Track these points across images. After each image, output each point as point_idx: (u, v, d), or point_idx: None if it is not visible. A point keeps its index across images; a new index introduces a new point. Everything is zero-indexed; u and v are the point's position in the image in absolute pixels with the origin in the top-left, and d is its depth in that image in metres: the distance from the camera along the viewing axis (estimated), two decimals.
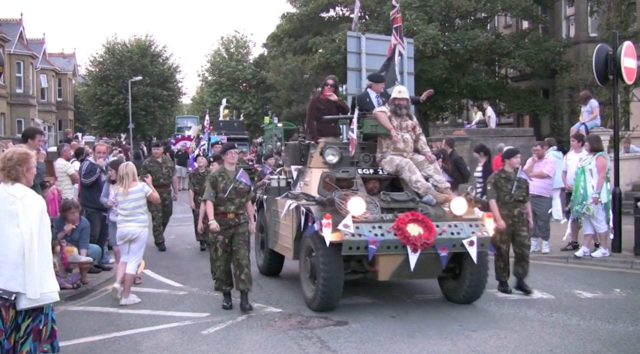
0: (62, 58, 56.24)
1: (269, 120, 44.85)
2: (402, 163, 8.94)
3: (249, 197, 8.90)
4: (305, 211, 8.45)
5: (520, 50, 25.61)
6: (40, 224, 4.92)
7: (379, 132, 9.30)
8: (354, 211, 8.00)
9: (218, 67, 55.70)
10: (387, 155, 9.20)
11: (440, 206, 8.64)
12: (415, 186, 8.77)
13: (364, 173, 9.13)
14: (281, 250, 9.91)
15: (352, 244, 7.83)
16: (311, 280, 8.55)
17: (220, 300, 9.05)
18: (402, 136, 9.15)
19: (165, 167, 14.01)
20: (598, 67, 12.52)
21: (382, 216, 8.23)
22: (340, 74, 26.53)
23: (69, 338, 7.28)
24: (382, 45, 13.50)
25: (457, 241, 8.16)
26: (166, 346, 7.12)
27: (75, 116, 58.74)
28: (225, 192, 8.52)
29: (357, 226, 7.92)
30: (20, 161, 5.06)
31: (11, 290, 4.78)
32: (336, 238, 7.84)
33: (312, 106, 10.45)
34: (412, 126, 9.36)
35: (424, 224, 8.03)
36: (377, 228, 8.00)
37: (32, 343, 4.94)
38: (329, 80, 10.51)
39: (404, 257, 8.00)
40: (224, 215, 8.57)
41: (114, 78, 48.19)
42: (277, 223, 9.90)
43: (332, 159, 9.19)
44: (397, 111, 9.23)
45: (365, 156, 9.44)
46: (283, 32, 31.12)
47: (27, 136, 9.60)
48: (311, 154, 9.84)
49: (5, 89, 39.95)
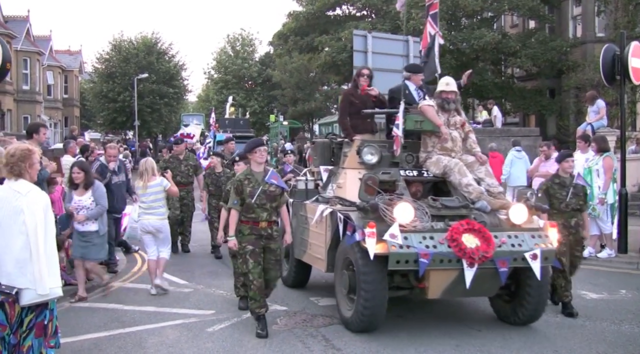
0: (68, 55, 56.37)
1: (275, 118, 44.86)
2: (451, 164, 7.96)
3: (283, 202, 7.64)
4: (344, 218, 7.38)
5: (527, 50, 25.56)
6: (45, 220, 4.93)
7: (424, 129, 8.24)
8: (402, 218, 6.99)
9: (224, 65, 55.73)
10: (432, 155, 8.23)
11: (496, 213, 7.67)
12: (466, 190, 7.79)
13: (407, 175, 8.10)
14: (311, 261, 8.84)
15: (400, 257, 6.81)
16: (349, 297, 7.52)
17: (225, 298, 9.06)
18: (450, 134, 8.19)
19: (185, 165, 13.10)
20: (605, 67, 12.48)
21: (433, 224, 7.20)
22: (346, 73, 26.56)
23: (75, 334, 7.31)
24: (389, 44, 13.48)
25: (519, 255, 7.09)
26: (171, 343, 7.13)
27: (81, 113, 58.84)
28: (253, 197, 7.30)
29: (406, 236, 6.89)
30: (23, 157, 5.07)
31: (13, 285, 4.80)
32: (381, 250, 6.81)
33: (345, 99, 9.24)
34: (461, 122, 8.39)
35: (481, 235, 7.02)
36: (428, 239, 6.96)
37: (34, 339, 4.95)
38: (364, 71, 9.24)
39: (459, 272, 6.97)
40: (255, 223, 7.36)
41: (120, 75, 48.23)
42: (306, 230, 8.78)
43: (371, 159, 8.20)
44: (444, 106, 8.24)
45: (407, 156, 8.42)
46: (289, 31, 31.13)
47: (31, 131, 9.43)
48: (345, 153, 8.81)
49: (12, 85, 40.04)
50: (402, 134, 8.16)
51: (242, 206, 7.36)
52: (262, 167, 7.53)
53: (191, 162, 13.31)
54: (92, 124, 60.87)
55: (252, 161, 7.54)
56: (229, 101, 42.01)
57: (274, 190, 7.43)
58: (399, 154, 8.33)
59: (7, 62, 10.36)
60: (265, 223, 7.38)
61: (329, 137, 9.95)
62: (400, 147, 8.26)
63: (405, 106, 8.39)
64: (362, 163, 8.24)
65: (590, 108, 16.21)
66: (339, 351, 6.81)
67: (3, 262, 4.82)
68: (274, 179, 7.47)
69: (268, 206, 7.37)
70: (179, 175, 12.82)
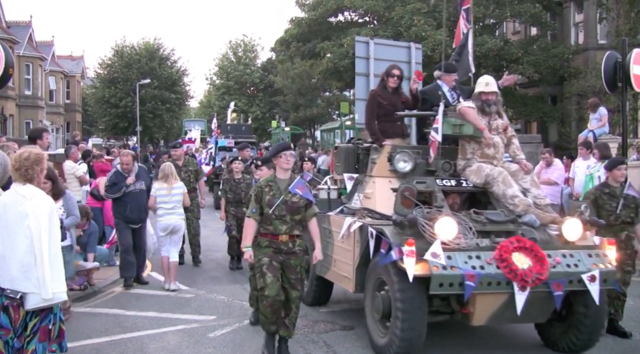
0: (70, 60, 56.44)
1: (277, 124, 44.96)
2: (494, 173, 7.16)
3: (309, 215, 6.76)
4: (376, 234, 6.65)
5: (529, 57, 25.56)
6: (50, 224, 4.94)
7: (463, 134, 7.46)
8: (444, 235, 6.26)
9: (226, 70, 55.81)
10: (472, 162, 7.45)
11: (545, 228, 6.94)
12: (511, 202, 6.99)
13: (445, 185, 7.29)
14: (336, 279, 8.08)
15: (443, 280, 6.08)
16: (382, 323, 6.77)
17: (227, 303, 9.05)
18: (492, 139, 7.46)
19: (185, 171, 12.10)
20: (607, 74, 12.48)
21: (478, 241, 6.47)
22: (348, 79, 26.59)
23: (76, 339, 7.31)
24: (391, 51, 13.49)
25: (575, 276, 6.35)
26: (172, 348, 7.13)
27: (83, 118, 58.92)
28: (271, 206, 6.54)
29: (449, 255, 6.16)
30: (38, 161, 5.07)
31: (18, 290, 4.80)
32: (422, 271, 6.09)
33: (373, 101, 8.38)
34: (504, 126, 7.61)
35: (533, 254, 6.29)
36: (474, 258, 6.24)
37: (38, 343, 4.94)
38: (394, 70, 8.39)
39: (508, 296, 6.26)
40: (275, 237, 6.60)
41: (122, 81, 48.33)
42: (330, 245, 7.99)
43: (405, 166, 7.46)
44: (484, 108, 7.48)
45: (444, 164, 7.56)
46: (291, 37, 31.15)
47: (35, 137, 9.35)
48: (373, 159, 7.96)
49: (14, 90, 40.11)
50: (440, 139, 7.39)
51: (261, 216, 6.63)
52: (288, 174, 6.74)
53: (191, 168, 12.43)
54: (94, 129, 60.97)
55: (277, 166, 6.77)
56: (231, 107, 42.08)
57: (297, 201, 6.61)
58: (435, 161, 7.57)
59: (9, 67, 10.38)
60: (286, 237, 6.59)
61: (354, 142, 9.11)
62: (436, 154, 7.51)
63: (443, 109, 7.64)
64: (394, 171, 7.52)
65: (592, 115, 16.21)
66: None
67: (8, 267, 4.82)
68: (300, 189, 6.64)
69: (288, 219, 6.57)
70: None
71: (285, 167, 6.68)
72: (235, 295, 9.68)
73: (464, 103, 7.63)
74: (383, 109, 8.26)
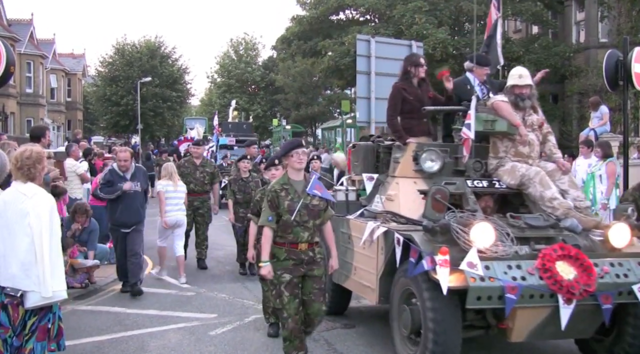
0: (71, 58, 56.48)
1: (278, 122, 44.92)
2: (531, 173, 6.54)
3: (327, 218, 6.15)
4: (404, 240, 6.05)
5: (530, 55, 25.56)
6: (50, 222, 4.94)
7: (496, 130, 6.82)
8: (481, 242, 5.66)
9: (227, 69, 55.79)
10: (505, 162, 6.81)
11: (588, 234, 6.31)
12: (550, 205, 6.38)
13: (476, 186, 6.64)
14: (356, 288, 7.46)
15: (481, 293, 5.47)
16: (411, 339, 6.15)
17: (227, 301, 9.07)
18: None
19: (201, 171, 11.64)
20: (608, 73, 12.44)
21: (517, 249, 5.85)
22: (349, 78, 26.59)
23: (77, 337, 7.32)
24: (392, 49, 13.48)
25: (625, 287, 5.72)
26: (173, 346, 7.14)
27: (85, 116, 58.96)
28: (292, 212, 5.84)
29: (487, 264, 5.56)
30: (39, 159, 5.08)
31: (18, 288, 4.80)
32: (457, 283, 5.47)
33: (397, 95, 7.57)
34: (539, 122, 6.98)
35: (578, 263, 5.68)
36: (514, 268, 5.62)
37: (36, 342, 4.94)
38: (421, 59, 7.72)
39: (551, 310, 5.66)
40: (293, 245, 5.92)
41: (123, 79, 48.35)
42: (350, 251, 7.37)
43: (432, 166, 6.83)
44: (518, 103, 6.81)
45: (475, 163, 6.86)
46: (292, 35, 31.17)
47: (39, 135, 9.11)
48: (396, 158, 7.32)
49: (15, 88, 40.14)
50: (473, 136, 6.76)
51: (277, 224, 5.91)
52: (302, 175, 6.08)
53: (208, 169, 11.80)
54: (95, 127, 61.00)
55: (289, 166, 6.06)
56: (232, 105, 42.03)
57: (318, 203, 5.98)
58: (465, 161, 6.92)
59: (10, 65, 10.37)
60: (306, 245, 5.94)
61: (374, 139, 8.47)
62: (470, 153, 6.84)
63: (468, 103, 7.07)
64: (420, 171, 6.91)
65: (594, 114, 16.19)
66: None
67: (8, 265, 4.83)
68: (318, 190, 5.99)
69: (310, 224, 5.92)
70: (193, 182, 11.49)
71: (297, 167, 5.98)
72: (236, 293, 9.69)
73: (497, 97, 6.99)
74: (408, 104, 7.52)
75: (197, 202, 11.53)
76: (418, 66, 7.59)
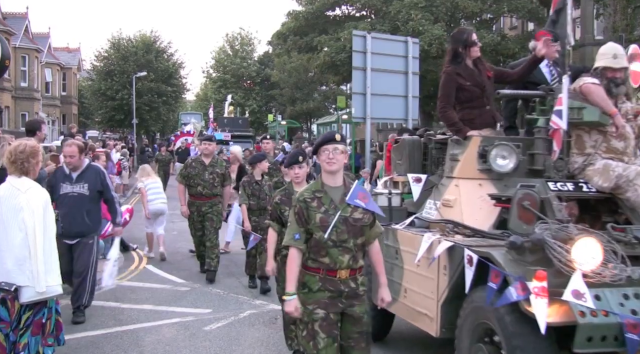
0: (67, 52, 56.31)
1: (273, 118, 44.90)
2: (630, 174, 5.26)
3: (374, 235, 4.66)
4: (479, 259, 4.78)
5: (526, 52, 25.44)
6: (44, 217, 4.93)
7: (584, 121, 5.50)
8: (586, 263, 4.38)
9: (222, 64, 55.75)
10: (595, 159, 5.50)
11: None
12: None
13: (560, 190, 5.23)
14: (405, 314, 6.13)
15: (593, 331, 4.21)
16: None
17: (222, 297, 9.07)
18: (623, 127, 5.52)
19: (210, 172, 10.23)
20: None
21: (629, 271, 4.48)
22: (345, 73, 26.56)
23: (72, 332, 7.30)
24: (388, 45, 13.50)
25: None
26: (168, 341, 7.14)
27: (80, 111, 58.80)
28: (326, 229, 4.37)
29: (596, 293, 4.31)
30: (34, 154, 5.08)
31: (12, 282, 4.80)
32: (560, 318, 4.24)
33: (449, 83, 6.26)
34: (635, 111, 5.77)
35: None
36: (632, 298, 4.38)
37: (30, 336, 4.94)
38: (472, 37, 6.32)
39: None
40: (331, 273, 4.41)
41: (119, 73, 48.20)
42: (397, 269, 6.16)
43: (505, 164, 5.59)
44: (611, 89, 5.59)
45: (558, 161, 5.56)
46: (288, 30, 31.10)
47: (34, 129, 9.06)
48: (454, 156, 6.04)
49: (10, 82, 40.00)
50: (566, 127, 5.47)
51: (307, 243, 4.46)
52: (340, 179, 4.54)
53: (218, 170, 10.33)
54: (90, 122, 60.83)
55: (322, 170, 4.57)
56: (228, 100, 41.97)
57: (361, 217, 4.47)
58: (543, 159, 5.67)
59: (6, 59, 10.35)
60: (346, 272, 4.42)
61: (423, 133, 7.20)
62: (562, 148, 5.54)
63: (547, 87, 6.04)
64: (487, 171, 5.70)
65: None
66: None
67: (3, 260, 4.82)
68: (361, 199, 4.45)
69: (351, 244, 4.42)
70: (201, 185, 10.21)
71: (327, 169, 4.47)
72: (231, 288, 9.69)
73: (586, 79, 5.72)
74: (465, 92, 6.25)
75: (205, 207, 10.25)
76: (471, 46, 6.27)
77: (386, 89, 15.10)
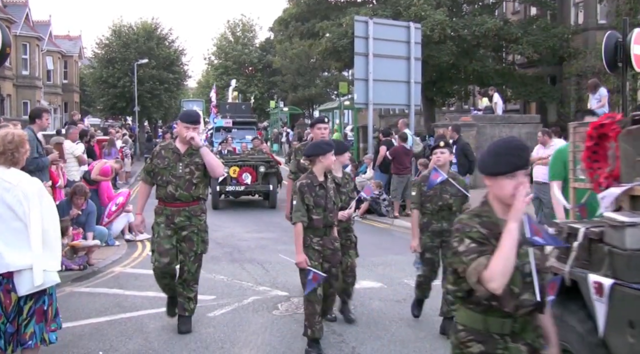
0: (68, 40, 56.17)
1: (275, 104, 44.80)
2: None
3: None
4: None
5: (528, 37, 25.45)
6: (41, 205, 4.86)
7: None
8: None
9: (224, 50, 55.62)
10: None
11: None
12: None
13: None
14: None
15: None
16: None
17: (226, 283, 9.08)
18: None
19: (186, 164, 6.72)
20: (607, 55, 12.43)
21: None
22: (347, 59, 26.48)
23: (76, 318, 7.32)
24: (390, 30, 13.44)
25: None
26: (172, 328, 7.14)
27: (81, 98, 58.76)
28: None
29: None
30: (22, 142, 4.96)
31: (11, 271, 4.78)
32: None
33: None
34: None
35: None
36: None
37: (35, 325, 4.94)
38: None
39: None
40: None
41: (120, 61, 48.09)
42: None
43: None
44: None
45: None
46: (290, 16, 30.99)
47: (34, 116, 9.21)
48: None
49: (11, 70, 39.92)
50: None
51: None
52: None
53: (198, 160, 6.75)
54: (92, 109, 60.79)
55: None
56: (232, 85, 41.65)
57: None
58: None
59: (7, 46, 10.31)
60: None
61: None
62: None
63: None
64: None
65: (592, 96, 16.18)
66: (340, 336, 6.82)
67: (1, 254, 4.78)
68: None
69: None
70: (172, 183, 6.70)
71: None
72: (235, 275, 9.70)
73: None
74: None
75: (179, 217, 6.74)
76: None
77: (388, 74, 15.05)
